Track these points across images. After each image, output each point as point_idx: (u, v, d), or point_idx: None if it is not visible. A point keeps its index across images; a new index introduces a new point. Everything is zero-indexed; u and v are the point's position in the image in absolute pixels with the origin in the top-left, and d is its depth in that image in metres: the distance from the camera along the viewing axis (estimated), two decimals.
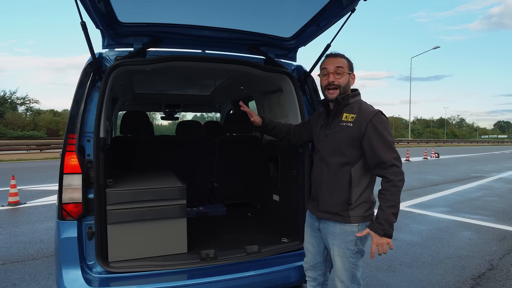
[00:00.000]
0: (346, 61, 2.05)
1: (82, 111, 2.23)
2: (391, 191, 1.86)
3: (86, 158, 2.24)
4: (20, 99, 52.17)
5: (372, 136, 1.90)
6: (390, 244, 1.90)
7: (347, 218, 1.99)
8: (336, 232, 2.04)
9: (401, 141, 56.29)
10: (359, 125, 1.93)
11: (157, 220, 2.49)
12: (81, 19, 1.96)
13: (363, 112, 1.96)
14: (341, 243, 2.03)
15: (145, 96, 5.08)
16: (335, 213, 2.03)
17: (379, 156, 1.87)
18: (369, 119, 1.91)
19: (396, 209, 1.87)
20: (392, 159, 1.86)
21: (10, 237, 5.10)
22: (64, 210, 2.19)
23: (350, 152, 1.98)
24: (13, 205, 7.17)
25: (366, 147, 1.92)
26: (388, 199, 1.86)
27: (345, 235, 2.01)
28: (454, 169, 15.62)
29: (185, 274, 2.35)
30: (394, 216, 1.87)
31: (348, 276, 2.04)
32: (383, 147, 1.87)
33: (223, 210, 3.91)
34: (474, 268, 4.05)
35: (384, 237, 1.87)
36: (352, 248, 2.01)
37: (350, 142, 1.97)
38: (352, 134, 1.95)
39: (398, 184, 1.86)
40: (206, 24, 2.56)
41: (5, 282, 3.58)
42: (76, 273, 2.17)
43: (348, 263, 2.03)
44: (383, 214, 1.87)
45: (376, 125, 1.90)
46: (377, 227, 1.89)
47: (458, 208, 7.38)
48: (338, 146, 2.01)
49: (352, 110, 2.00)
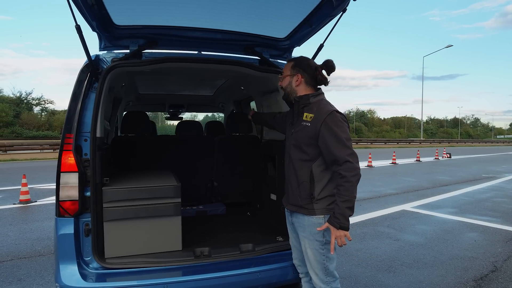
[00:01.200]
0: (291, 64, 2.20)
1: (79, 111, 2.30)
2: (345, 186, 1.94)
3: (83, 157, 2.31)
4: (35, 99, 53.45)
5: (326, 134, 1.99)
6: (348, 236, 1.99)
7: (312, 211, 2.10)
8: (305, 225, 2.15)
9: (413, 141, 55.63)
10: (315, 125, 2.03)
11: (152, 218, 2.54)
12: (75, 23, 2.02)
13: (319, 112, 2.06)
14: (310, 235, 2.13)
15: (149, 96, 5.16)
16: (300, 206, 2.15)
17: (333, 153, 1.96)
18: (324, 118, 2.01)
19: (350, 203, 1.94)
20: (345, 156, 1.94)
21: (19, 234, 5.25)
22: (61, 207, 2.26)
23: (309, 150, 2.08)
24: (24, 203, 7.36)
25: (322, 145, 2.02)
26: (343, 194, 1.94)
27: (313, 226, 2.11)
28: (465, 170, 15.38)
29: (179, 270, 2.40)
30: (349, 209, 1.95)
31: (321, 268, 2.14)
32: (336, 144, 1.96)
33: (223, 209, 3.95)
34: (476, 270, 4.00)
35: (340, 229, 1.96)
36: (320, 240, 2.11)
37: (308, 140, 2.07)
38: (310, 133, 2.06)
39: (351, 180, 1.93)
40: (201, 25, 2.61)
41: (12, 277, 3.70)
42: (73, 268, 2.24)
43: (319, 255, 2.13)
44: (338, 208, 1.96)
45: (329, 124, 1.99)
46: (334, 221, 1.98)
47: (466, 209, 7.28)
48: (299, 144, 2.12)
49: (311, 110, 2.10)
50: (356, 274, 3.83)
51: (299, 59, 2.24)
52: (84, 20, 2.21)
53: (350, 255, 4.41)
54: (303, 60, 2.22)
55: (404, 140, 58.38)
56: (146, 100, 5.35)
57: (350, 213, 1.95)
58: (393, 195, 8.80)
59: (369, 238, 5.15)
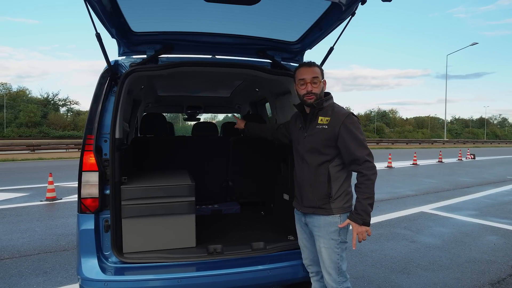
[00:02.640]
0: (319, 70, 2.26)
1: (99, 114, 2.43)
2: (366, 184, 2.06)
3: (103, 157, 2.45)
4: (61, 100, 55.50)
5: (346, 136, 2.09)
6: (369, 231, 2.11)
7: (329, 210, 2.18)
8: (320, 224, 2.22)
9: (436, 141, 54.25)
10: (333, 127, 2.12)
11: (168, 215, 2.66)
12: (95, 31, 2.15)
13: (336, 114, 2.15)
14: (325, 234, 2.20)
15: (168, 98, 5.30)
16: (318, 206, 2.21)
17: (353, 153, 2.07)
18: (342, 120, 2.11)
19: (371, 200, 2.08)
20: (365, 156, 2.07)
21: (45, 230, 5.52)
22: (82, 204, 2.40)
23: (327, 151, 2.17)
24: (50, 201, 7.70)
25: (341, 146, 2.12)
26: (364, 191, 2.07)
27: (329, 226, 2.19)
28: (489, 171, 14.93)
29: (193, 266, 2.50)
30: (370, 206, 2.08)
31: (334, 268, 2.20)
32: (356, 145, 2.07)
33: (237, 208, 4.05)
34: (494, 273, 3.94)
35: (363, 225, 2.08)
36: (336, 238, 2.18)
37: (326, 142, 2.15)
38: (328, 135, 2.14)
39: (371, 178, 2.07)
40: (215, 30, 2.71)
41: (38, 270, 3.91)
42: (93, 261, 2.37)
43: (333, 254, 2.19)
44: (361, 205, 2.07)
45: (348, 126, 2.10)
46: (356, 217, 2.09)
47: (487, 211, 7.10)
48: (316, 146, 2.19)
49: (326, 113, 2.19)
50: (369, 275, 3.84)
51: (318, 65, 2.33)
52: (104, 27, 2.35)
53: (364, 256, 4.42)
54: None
55: (427, 140, 57.02)
56: (165, 101, 5.51)
57: (371, 209, 2.08)
58: (412, 196, 8.68)
59: (384, 239, 5.13)
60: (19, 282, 3.61)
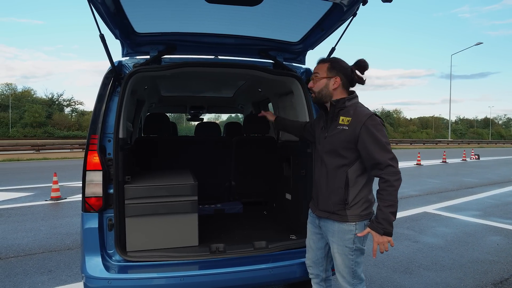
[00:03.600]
0: (327, 66, 2.11)
1: (103, 114, 2.47)
2: (389, 191, 1.91)
3: (107, 157, 2.48)
4: (66, 101, 55.88)
5: (366, 138, 1.94)
6: (391, 242, 1.95)
7: (344, 217, 2.06)
8: (335, 231, 2.12)
9: (441, 142, 54.00)
10: (354, 128, 1.98)
11: (170, 214, 2.68)
12: (99, 32, 2.18)
13: (357, 115, 2.00)
14: (339, 241, 2.10)
15: (171, 98, 5.34)
16: (332, 212, 2.10)
17: (375, 157, 1.92)
18: (363, 122, 1.96)
19: (394, 208, 1.92)
20: (387, 160, 1.90)
21: (50, 229, 5.57)
22: (87, 203, 2.43)
23: (346, 154, 2.03)
24: (55, 200, 7.76)
25: (362, 149, 1.97)
26: (386, 199, 1.91)
27: (343, 233, 2.08)
28: (493, 172, 14.85)
29: (195, 265, 2.53)
30: (393, 214, 1.92)
31: (348, 272, 2.12)
32: (377, 149, 1.92)
33: (240, 208, 4.07)
34: (496, 274, 3.93)
35: (384, 235, 1.92)
36: (350, 246, 2.08)
37: (346, 144, 2.02)
38: (348, 137, 2.00)
39: (394, 184, 1.90)
40: (217, 31, 2.73)
41: (43, 269, 3.96)
42: (97, 260, 2.40)
43: (347, 260, 2.10)
44: (382, 213, 1.92)
45: (369, 127, 1.94)
46: (377, 226, 1.94)
47: (491, 212, 7.08)
48: (335, 148, 2.07)
49: (348, 113, 2.05)
50: (371, 274, 3.85)
51: (335, 60, 2.14)
52: (108, 29, 2.38)
53: (366, 256, 4.36)
54: (339, 61, 2.13)
55: (431, 140, 56.75)
56: (168, 101, 5.55)
57: (394, 218, 1.92)
58: (415, 196, 8.66)
59: None
60: (24, 280, 3.65)
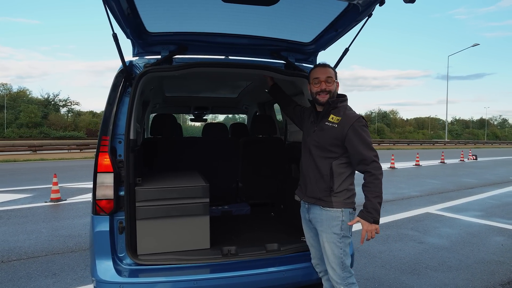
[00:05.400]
0: (333, 71, 2.34)
1: (114, 115, 2.42)
2: (375, 183, 2.12)
3: (117, 158, 2.44)
4: (62, 101, 55.36)
5: (354, 137, 2.16)
6: (378, 229, 2.15)
7: (330, 203, 2.24)
8: (322, 219, 2.28)
9: (438, 142, 54.23)
10: (342, 128, 2.19)
11: (182, 217, 2.65)
12: (112, 31, 2.14)
13: (347, 116, 2.22)
14: (327, 228, 2.25)
15: (175, 99, 5.30)
16: (319, 198, 2.28)
17: (362, 154, 2.15)
18: (352, 123, 2.18)
19: (380, 198, 2.14)
20: (372, 156, 2.15)
21: (51, 231, 5.50)
22: (97, 206, 2.39)
23: (333, 149, 2.24)
24: (55, 202, 7.68)
25: (349, 146, 2.18)
26: (373, 190, 2.12)
27: (331, 220, 2.24)
28: (492, 172, 14.92)
29: (207, 268, 2.49)
30: (379, 204, 2.14)
31: (338, 263, 2.24)
32: (364, 147, 2.15)
33: (247, 209, 4.04)
34: (504, 274, 3.93)
35: (373, 223, 2.12)
36: (338, 233, 2.23)
37: (333, 141, 2.22)
38: (336, 134, 2.21)
39: (379, 177, 2.14)
40: (229, 31, 2.70)
41: (47, 272, 3.90)
42: (108, 263, 2.36)
43: (336, 248, 2.23)
44: (371, 203, 2.12)
45: (357, 128, 2.17)
46: (367, 215, 2.13)
47: (493, 212, 7.10)
48: (323, 142, 2.26)
49: (339, 113, 2.26)
50: (379, 276, 3.83)
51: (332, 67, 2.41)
52: (120, 28, 2.33)
53: (373, 257, 4.41)
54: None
55: (428, 141, 56.99)
56: (172, 102, 5.50)
57: (380, 207, 2.14)
58: (417, 197, 8.67)
59: (392, 240, 5.12)
60: (28, 284, 3.60)
